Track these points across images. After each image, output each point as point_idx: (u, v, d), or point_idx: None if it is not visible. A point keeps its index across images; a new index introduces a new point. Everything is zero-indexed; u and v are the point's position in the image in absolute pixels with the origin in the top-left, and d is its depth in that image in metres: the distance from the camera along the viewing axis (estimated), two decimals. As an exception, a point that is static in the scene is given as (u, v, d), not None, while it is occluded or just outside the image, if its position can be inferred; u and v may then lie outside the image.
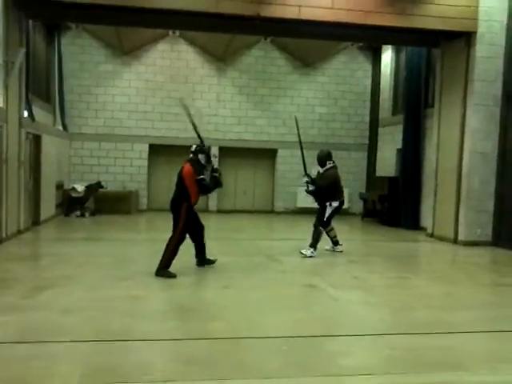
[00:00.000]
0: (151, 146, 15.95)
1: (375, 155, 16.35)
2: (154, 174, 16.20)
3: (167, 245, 7.03)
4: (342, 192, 9.16)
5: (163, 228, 12.42)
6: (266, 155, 16.83)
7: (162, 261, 6.96)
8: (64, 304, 5.43)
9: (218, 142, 16.05)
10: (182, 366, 3.94)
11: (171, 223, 7.12)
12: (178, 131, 15.77)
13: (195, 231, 7.38)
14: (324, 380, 3.74)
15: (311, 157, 15.83)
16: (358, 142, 16.91)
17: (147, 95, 15.89)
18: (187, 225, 7.10)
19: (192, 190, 7.07)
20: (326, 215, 8.88)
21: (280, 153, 16.69)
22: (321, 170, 9.09)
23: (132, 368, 3.84)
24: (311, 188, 8.98)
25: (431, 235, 11.59)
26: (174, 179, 7.35)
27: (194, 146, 7.39)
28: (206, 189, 7.28)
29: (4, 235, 9.21)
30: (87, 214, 13.95)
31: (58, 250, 8.96)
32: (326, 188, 8.84)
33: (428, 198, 12.27)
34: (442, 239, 11.09)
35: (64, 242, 10.01)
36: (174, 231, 7.10)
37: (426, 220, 12.26)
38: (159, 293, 6.15)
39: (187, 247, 7.35)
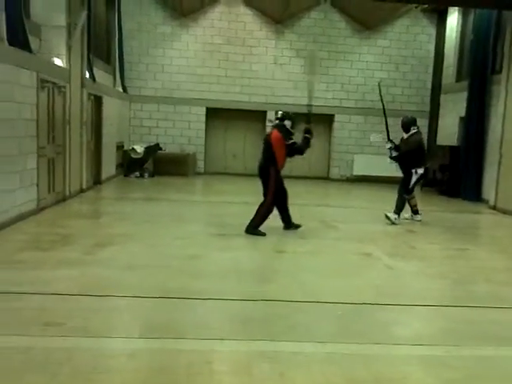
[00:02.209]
0: (208, 109, 15.99)
1: (437, 123, 15.78)
2: (211, 137, 16.30)
3: (259, 208, 7.29)
4: (426, 158, 9.16)
5: (220, 191, 12.71)
6: (322, 121, 16.55)
7: (252, 220, 7.25)
8: (124, 261, 5.62)
9: (275, 106, 15.91)
10: (238, 326, 4.02)
11: (259, 188, 7.37)
12: (235, 94, 15.74)
13: (280, 196, 7.50)
14: (376, 348, 3.72)
15: (370, 123, 15.46)
16: (419, 109, 16.30)
17: (205, 58, 15.85)
18: (277, 188, 7.30)
19: (280, 154, 7.27)
20: (412, 183, 8.85)
21: (337, 118, 16.39)
22: (405, 136, 9.05)
23: (189, 325, 3.95)
24: (395, 154, 8.95)
25: (493, 207, 11.18)
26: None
27: (280, 113, 7.56)
28: (299, 151, 7.51)
29: (67, 193, 9.57)
30: (146, 175, 14.26)
31: (118, 209, 9.25)
32: (410, 154, 8.76)
33: (491, 169, 11.80)
34: (504, 212, 10.68)
35: (124, 201, 10.32)
36: (265, 195, 7.34)
37: (488, 192, 11.82)
38: (216, 253, 6.25)
39: (248, 209, 7.45)
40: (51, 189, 8.77)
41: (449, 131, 14.84)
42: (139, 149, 14.37)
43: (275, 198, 7.40)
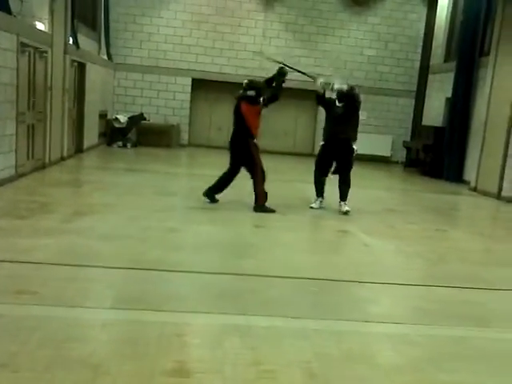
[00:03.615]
0: (194, 81, 15.79)
1: (423, 103, 15.78)
2: (196, 109, 16.14)
3: (254, 187, 7.25)
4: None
5: (203, 163, 12.64)
6: (309, 96, 16.44)
7: (256, 200, 7.23)
8: (102, 231, 5.59)
9: (262, 79, 15.76)
10: (212, 299, 4.03)
11: (227, 160, 7.40)
12: (222, 66, 15.55)
13: (235, 168, 7.42)
14: (348, 324, 3.76)
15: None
16: (406, 89, 16.31)
17: (192, 28, 15.59)
18: (260, 159, 7.28)
19: (253, 124, 7.24)
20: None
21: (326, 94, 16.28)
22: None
23: (163, 297, 3.95)
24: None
25: (474, 189, 11.29)
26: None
27: (245, 82, 7.41)
28: (274, 99, 7.38)
29: (47, 161, 9.44)
30: (129, 145, 14.12)
31: (98, 178, 9.16)
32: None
33: (474, 151, 11.87)
34: (485, 194, 10.79)
35: (105, 171, 10.22)
36: (251, 172, 7.30)
37: (470, 173, 11.91)
38: (194, 227, 6.24)
39: (236, 184, 7.43)
40: (30, 156, 8.65)
41: (435, 111, 14.87)
42: (122, 118, 14.20)
43: (233, 167, 7.38)
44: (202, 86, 15.87)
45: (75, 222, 5.86)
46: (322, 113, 16.18)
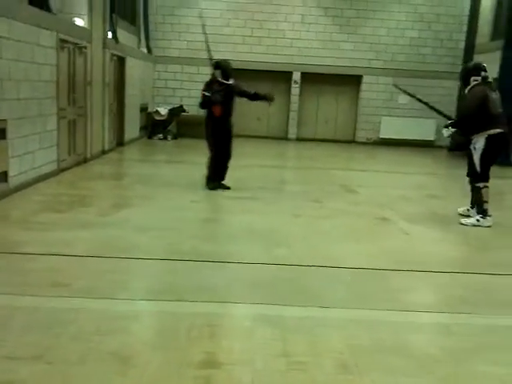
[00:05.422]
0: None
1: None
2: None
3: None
4: (494, 121, 6.20)
5: (242, 153, 12.55)
6: (350, 82, 16.19)
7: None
8: (138, 222, 5.64)
9: (301, 67, 15.61)
10: (244, 289, 3.99)
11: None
12: (260, 55, 15.44)
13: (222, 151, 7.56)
14: (381, 314, 3.65)
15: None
16: (450, 70, 15.77)
17: (230, 17, 15.54)
18: (215, 137, 7.39)
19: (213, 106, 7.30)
20: (477, 162, 6.32)
21: (365, 79, 15.99)
22: (465, 92, 6.53)
23: (195, 288, 3.94)
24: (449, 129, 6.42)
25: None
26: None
27: (214, 61, 7.56)
28: (201, 104, 7.48)
29: (89, 155, 9.63)
30: (169, 137, 14.25)
31: (139, 171, 9.28)
32: (469, 117, 6.24)
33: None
34: (534, 177, 10.34)
35: (146, 164, 10.35)
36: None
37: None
38: (230, 216, 6.23)
39: (268, 172, 7.36)
40: (72, 150, 8.83)
41: (481, 93, 14.29)
42: (163, 111, 14.33)
43: (217, 150, 7.45)
44: (241, 76, 15.76)
45: (112, 214, 5.94)
46: (362, 99, 15.92)
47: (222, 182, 7.62)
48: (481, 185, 6.38)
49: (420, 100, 7.04)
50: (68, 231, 5.19)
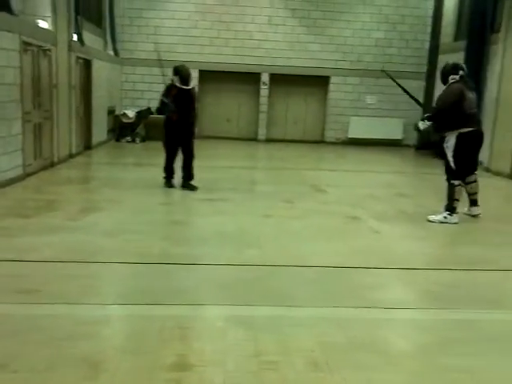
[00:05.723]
0: (201, 72, 15.70)
1: (433, 84, 15.50)
2: (203, 100, 16.05)
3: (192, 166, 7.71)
4: (469, 119, 6.31)
5: (212, 155, 12.58)
6: (318, 82, 16.29)
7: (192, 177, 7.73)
8: (107, 226, 5.58)
9: (269, 68, 15.66)
10: (215, 291, 3.99)
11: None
12: (229, 57, 15.43)
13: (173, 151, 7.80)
14: (352, 311, 3.70)
15: (366, 84, 15.18)
16: (415, 70, 16.04)
17: (197, 19, 15.49)
18: (168, 140, 7.71)
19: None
20: (450, 160, 6.38)
21: (333, 80, 16.12)
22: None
23: (166, 290, 3.92)
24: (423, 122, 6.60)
25: (487, 169, 11.09)
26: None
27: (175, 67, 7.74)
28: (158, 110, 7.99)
29: (56, 159, 9.46)
30: (138, 140, 14.10)
31: (107, 174, 9.17)
32: (443, 113, 6.33)
33: (486, 131, 11.58)
34: (498, 174, 10.59)
35: (114, 167, 10.23)
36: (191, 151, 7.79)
37: (482, 153, 11.65)
38: (201, 218, 6.21)
39: (239, 173, 7.36)
40: (38, 154, 8.66)
41: (445, 92, 14.58)
42: (130, 113, 14.18)
43: (169, 151, 7.77)
44: (209, 77, 15.78)
45: (80, 218, 5.85)
46: (330, 99, 16.06)
47: (190, 182, 7.63)
48: (456, 182, 6.45)
49: (404, 89, 8.57)
50: (35, 236, 5.09)
